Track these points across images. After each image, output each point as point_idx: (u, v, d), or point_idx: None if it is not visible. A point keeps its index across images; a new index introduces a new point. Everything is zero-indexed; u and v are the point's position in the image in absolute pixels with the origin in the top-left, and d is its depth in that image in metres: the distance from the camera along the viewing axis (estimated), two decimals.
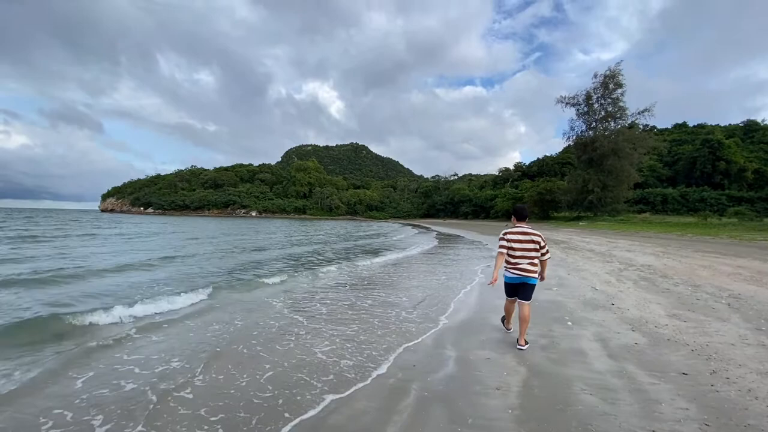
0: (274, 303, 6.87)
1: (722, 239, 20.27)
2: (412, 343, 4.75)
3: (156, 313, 6.02)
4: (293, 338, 4.90)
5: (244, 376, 3.74)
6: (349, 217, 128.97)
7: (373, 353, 4.39)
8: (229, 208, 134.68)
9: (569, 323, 5.38)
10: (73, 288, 7.83)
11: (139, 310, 6.03)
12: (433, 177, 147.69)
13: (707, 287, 7.54)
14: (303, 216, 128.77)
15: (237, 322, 5.60)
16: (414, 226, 61.07)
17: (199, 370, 3.86)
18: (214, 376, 3.74)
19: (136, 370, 3.83)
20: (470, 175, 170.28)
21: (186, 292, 7.20)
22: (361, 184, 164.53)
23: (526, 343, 4.52)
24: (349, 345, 4.65)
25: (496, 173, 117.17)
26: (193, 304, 6.73)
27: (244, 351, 4.43)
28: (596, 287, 7.87)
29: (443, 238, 28.85)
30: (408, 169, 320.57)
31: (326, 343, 4.73)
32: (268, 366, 3.98)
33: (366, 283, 9.14)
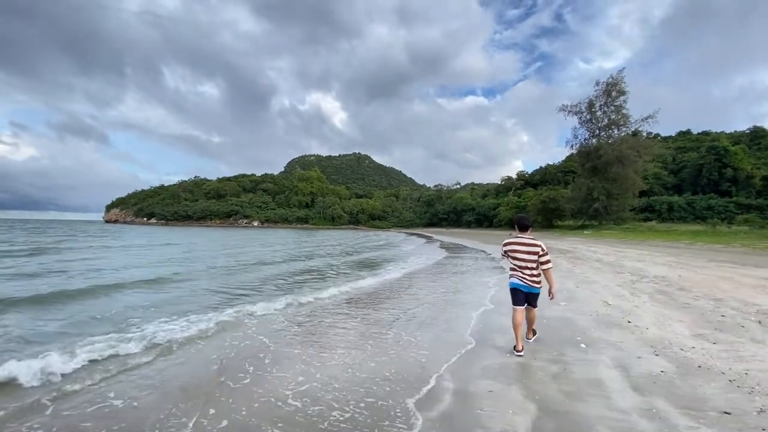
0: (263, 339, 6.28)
1: (735, 248, 19.52)
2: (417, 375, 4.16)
3: None
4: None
5: None
6: (351, 226, 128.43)
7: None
8: (231, 219, 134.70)
9: (583, 345, 4.77)
10: None
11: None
12: (435, 186, 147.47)
13: (731, 302, 6.90)
14: (305, 226, 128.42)
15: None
16: (418, 235, 60.31)
17: None
18: None
19: None
20: (473, 184, 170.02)
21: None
22: (363, 194, 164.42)
23: (535, 333, 5.11)
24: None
25: (499, 182, 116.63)
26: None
27: None
28: (609, 302, 7.25)
29: (450, 248, 28.19)
30: (410, 178, 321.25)
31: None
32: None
33: (370, 310, 8.54)
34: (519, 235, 4.69)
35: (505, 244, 4.80)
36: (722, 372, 3.82)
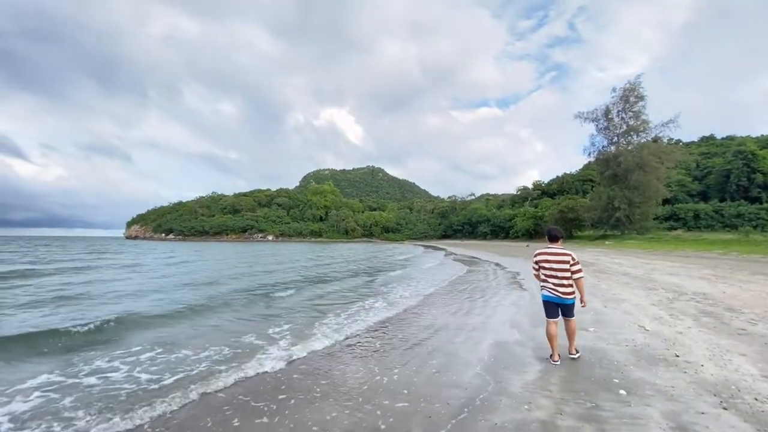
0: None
1: None
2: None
3: None
4: None
5: None
6: (365, 239, 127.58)
7: None
8: (246, 233, 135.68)
9: (622, 392, 3.74)
10: None
11: None
12: (449, 197, 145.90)
13: None
14: (319, 239, 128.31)
15: None
16: (434, 248, 58.91)
17: None
18: None
19: None
20: (488, 194, 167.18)
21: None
22: (377, 206, 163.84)
23: (577, 351, 4.81)
24: None
25: (515, 192, 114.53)
26: None
27: None
28: (646, 326, 6.15)
29: (465, 261, 27.02)
30: (424, 190, 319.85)
31: None
32: None
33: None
34: (549, 246, 4.75)
35: (536, 255, 4.81)
36: None
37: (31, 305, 9.40)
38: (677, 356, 4.70)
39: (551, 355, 4.72)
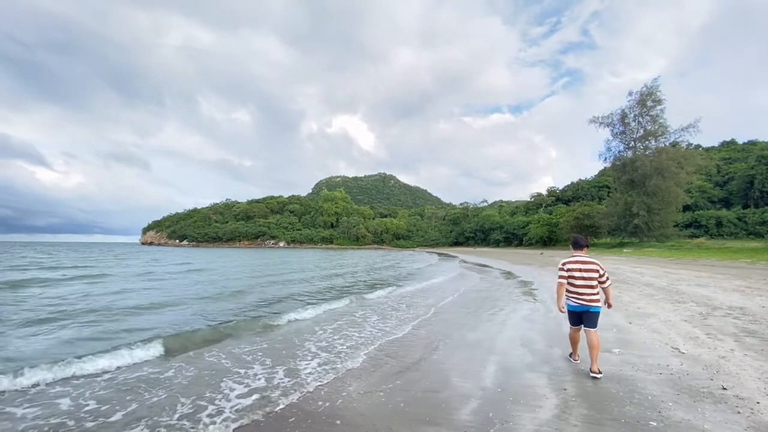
0: None
1: None
2: None
3: None
4: None
5: None
6: (375, 246, 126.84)
7: None
8: (258, 240, 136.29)
9: None
10: None
11: None
12: (461, 204, 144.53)
13: None
14: (330, 246, 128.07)
15: None
16: (446, 256, 57.76)
17: None
18: None
19: None
20: (501, 201, 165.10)
21: None
22: (388, 213, 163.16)
23: (600, 372, 4.38)
24: None
25: (528, 199, 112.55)
26: None
27: None
28: (680, 348, 5.32)
29: (479, 269, 26.10)
30: (436, 197, 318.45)
31: None
32: None
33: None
34: (575, 254, 4.68)
35: (564, 264, 4.62)
36: None
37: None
38: (725, 389, 3.89)
39: (571, 354, 5.04)
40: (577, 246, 4.70)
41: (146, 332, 7.21)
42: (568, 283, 4.57)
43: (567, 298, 4.64)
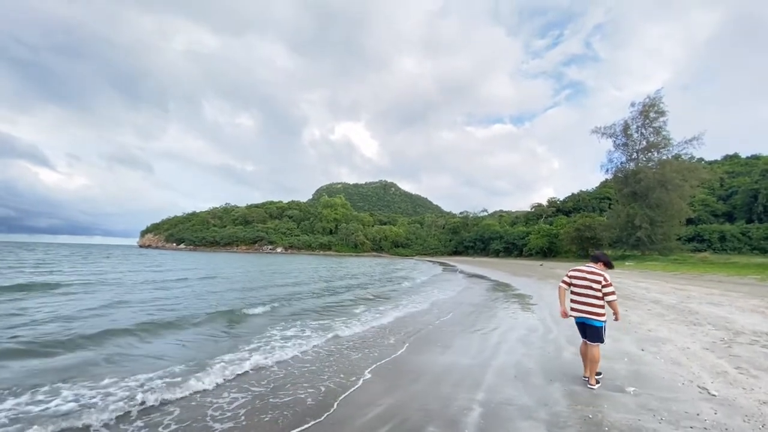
0: None
1: None
2: None
3: None
4: None
5: None
6: (374, 253, 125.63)
7: None
8: (256, 245, 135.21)
9: None
10: None
11: None
12: (461, 213, 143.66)
13: None
14: (328, 252, 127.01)
15: None
16: (445, 266, 56.69)
17: None
18: None
19: None
20: (501, 211, 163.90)
21: None
22: (387, 221, 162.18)
23: (597, 382, 4.49)
24: None
25: (529, 209, 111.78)
26: None
27: None
28: (709, 388, 4.39)
29: (480, 281, 25.14)
30: (436, 205, 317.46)
31: None
32: None
33: None
34: (589, 264, 4.69)
35: (569, 272, 4.73)
36: None
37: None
38: None
39: (584, 372, 4.83)
40: (593, 259, 4.75)
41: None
42: (571, 292, 4.65)
43: (570, 308, 4.67)
